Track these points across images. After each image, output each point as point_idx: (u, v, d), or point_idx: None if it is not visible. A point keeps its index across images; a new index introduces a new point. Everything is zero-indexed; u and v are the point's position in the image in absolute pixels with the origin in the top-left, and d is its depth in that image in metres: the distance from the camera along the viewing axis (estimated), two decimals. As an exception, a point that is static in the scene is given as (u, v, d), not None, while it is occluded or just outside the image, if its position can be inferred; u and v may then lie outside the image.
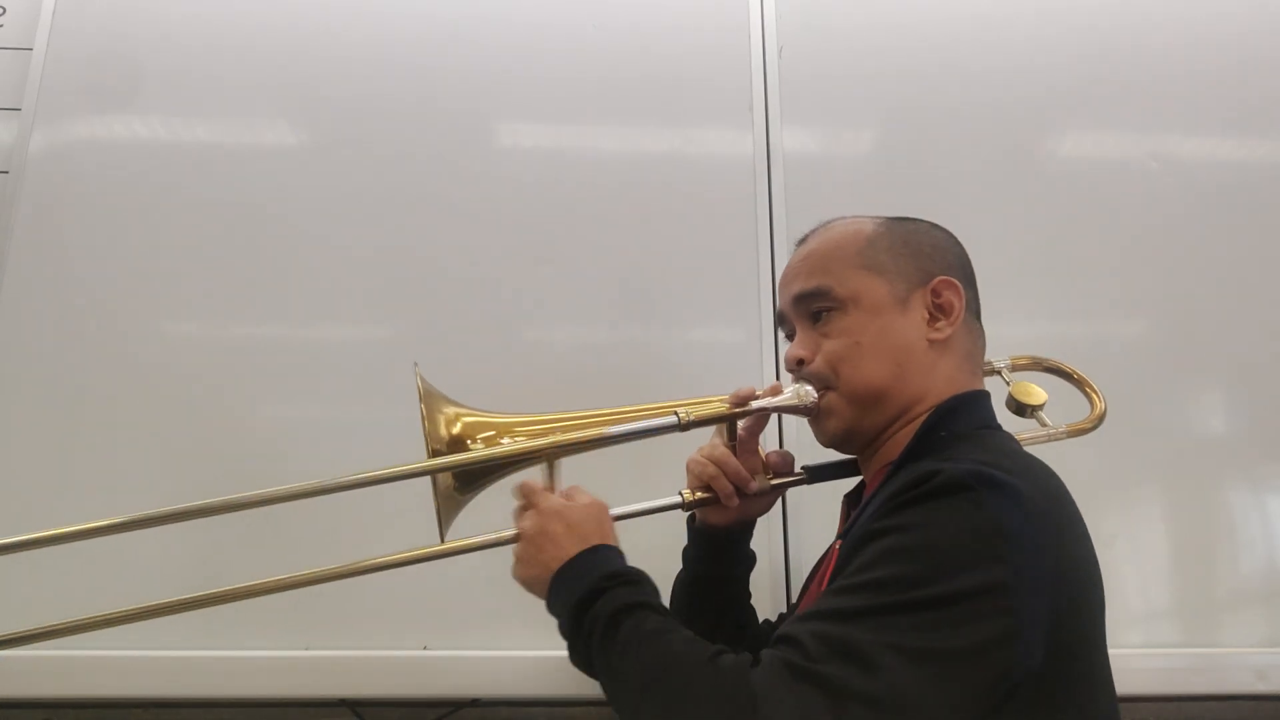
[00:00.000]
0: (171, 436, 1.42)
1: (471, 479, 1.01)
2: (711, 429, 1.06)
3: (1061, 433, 1.12)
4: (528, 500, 0.95)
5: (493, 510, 1.01)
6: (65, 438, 1.42)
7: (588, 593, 0.84)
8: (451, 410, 1.01)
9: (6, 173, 1.54)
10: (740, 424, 1.04)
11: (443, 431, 0.99)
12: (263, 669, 1.28)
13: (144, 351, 1.47)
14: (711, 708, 0.72)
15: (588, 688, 0.85)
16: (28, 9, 1.63)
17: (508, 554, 0.97)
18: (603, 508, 0.95)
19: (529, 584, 0.92)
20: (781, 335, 1.08)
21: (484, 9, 1.65)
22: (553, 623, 0.89)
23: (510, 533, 0.95)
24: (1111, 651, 0.82)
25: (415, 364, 1.01)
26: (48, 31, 1.60)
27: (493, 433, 1.01)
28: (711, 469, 1.02)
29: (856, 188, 1.58)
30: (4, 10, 1.65)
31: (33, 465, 1.40)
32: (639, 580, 0.86)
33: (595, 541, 0.90)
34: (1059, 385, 1.23)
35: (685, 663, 0.76)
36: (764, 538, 1.35)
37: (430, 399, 1.00)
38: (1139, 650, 1.36)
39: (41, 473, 1.40)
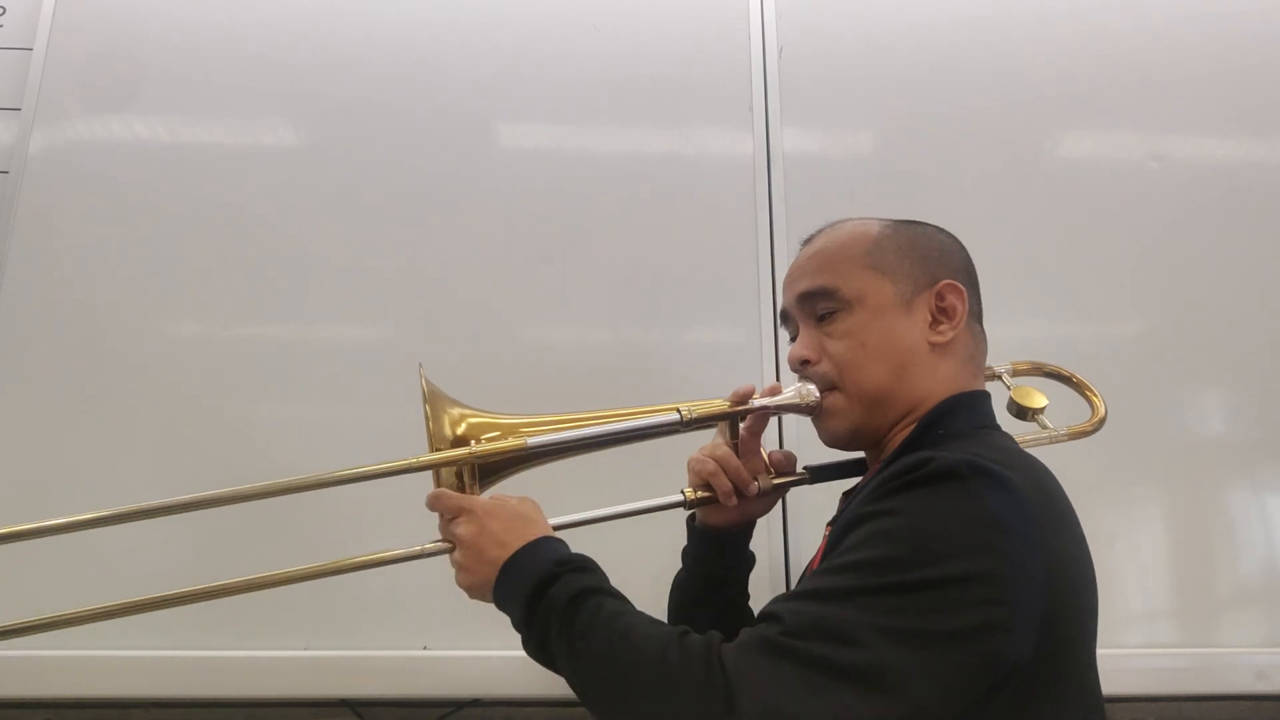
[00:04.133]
0: (171, 437, 1.42)
1: (476, 476, 1.00)
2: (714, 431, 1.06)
3: (1062, 435, 1.12)
4: (456, 507, 0.92)
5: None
6: (65, 438, 1.42)
7: (540, 581, 0.82)
8: (456, 411, 1.01)
9: (6, 173, 1.54)
10: (742, 424, 1.04)
11: (447, 431, 0.98)
12: (263, 669, 1.28)
13: (144, 351, 1.47)
14: (683, 688, 0.71)
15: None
16: (28, 9, 1.63)
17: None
18: (533, 502, 0.93)
19: (476, 588, 0.89)
20: (784, 334, 1.08)
21: (485, 10, 1.65)
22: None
23: (438, 544, 0.93)
24: (1111, 651, 0.82)
25: (420, 365, 1.01)
26: (48, 31, 1.60)
27: (497, 434, 1.00)
28: (711, 465, 1.01)
29: (856, 188, 1.58)
30: (4, 10, 1.65)
31: (33, 465, 1.41)
32: (590, 567, 0.85)
33: (537, 534, 0.88)
34: (1060, 389, 1.23)
35: (651, 643, 0.74)
36: (764, 537, 1.35)
37: (435, 399, 1.00)
38: (1138, 650, 1.35)
39: (41, 473, 1.40)
